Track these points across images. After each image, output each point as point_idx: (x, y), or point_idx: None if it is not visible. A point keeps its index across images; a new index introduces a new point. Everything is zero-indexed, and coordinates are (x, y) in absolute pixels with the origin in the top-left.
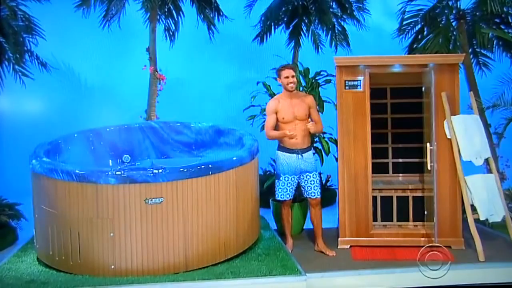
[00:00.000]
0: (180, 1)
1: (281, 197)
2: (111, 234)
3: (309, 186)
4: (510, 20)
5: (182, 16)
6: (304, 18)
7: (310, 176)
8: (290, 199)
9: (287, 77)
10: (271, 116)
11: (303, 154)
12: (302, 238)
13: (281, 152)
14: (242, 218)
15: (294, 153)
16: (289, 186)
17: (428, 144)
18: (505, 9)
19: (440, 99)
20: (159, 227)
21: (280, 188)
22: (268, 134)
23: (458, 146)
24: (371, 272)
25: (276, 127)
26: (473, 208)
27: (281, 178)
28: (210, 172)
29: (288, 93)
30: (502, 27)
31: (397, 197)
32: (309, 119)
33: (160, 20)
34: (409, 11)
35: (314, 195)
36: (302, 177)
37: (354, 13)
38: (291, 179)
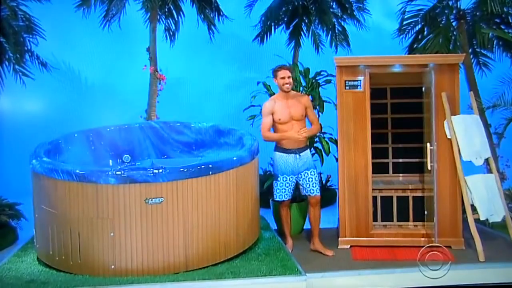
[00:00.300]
0: (180, 1)
1: (280, 198)
2: (111, 234)
3: (307, 183)
4: (510, 20)
5: (182, 16)
6: (304, 18)
7: (308, 174)
8: (289, 199)
9: (283, 77)
10: (268, 117)
11: (300, 154)
12: (302, 238)
13: (279, 153)
14: (242, 218)
15: (292, 153)
16: (287, 187)
17: (428, 144)
18: (505, 9)
19: (440, 99)
20: (159, 227)
21: (278, 189)
22: (266, 136)
23: (458, 146)
24: (371, 272)
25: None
26: (473, 208)
27: (279, 179)
28: (210, 172)
29: (284, 93)
30: (502, 27)
31: (397, 197)
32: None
33: (160, 20)
34: (409, 11)
35: (313, 193)
36: (300, 175)
37: (354, 13)
38: (289, 179)
